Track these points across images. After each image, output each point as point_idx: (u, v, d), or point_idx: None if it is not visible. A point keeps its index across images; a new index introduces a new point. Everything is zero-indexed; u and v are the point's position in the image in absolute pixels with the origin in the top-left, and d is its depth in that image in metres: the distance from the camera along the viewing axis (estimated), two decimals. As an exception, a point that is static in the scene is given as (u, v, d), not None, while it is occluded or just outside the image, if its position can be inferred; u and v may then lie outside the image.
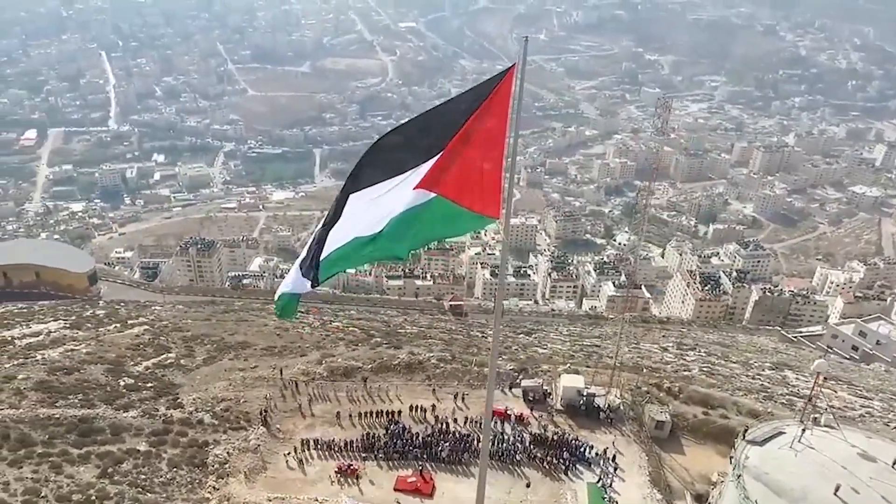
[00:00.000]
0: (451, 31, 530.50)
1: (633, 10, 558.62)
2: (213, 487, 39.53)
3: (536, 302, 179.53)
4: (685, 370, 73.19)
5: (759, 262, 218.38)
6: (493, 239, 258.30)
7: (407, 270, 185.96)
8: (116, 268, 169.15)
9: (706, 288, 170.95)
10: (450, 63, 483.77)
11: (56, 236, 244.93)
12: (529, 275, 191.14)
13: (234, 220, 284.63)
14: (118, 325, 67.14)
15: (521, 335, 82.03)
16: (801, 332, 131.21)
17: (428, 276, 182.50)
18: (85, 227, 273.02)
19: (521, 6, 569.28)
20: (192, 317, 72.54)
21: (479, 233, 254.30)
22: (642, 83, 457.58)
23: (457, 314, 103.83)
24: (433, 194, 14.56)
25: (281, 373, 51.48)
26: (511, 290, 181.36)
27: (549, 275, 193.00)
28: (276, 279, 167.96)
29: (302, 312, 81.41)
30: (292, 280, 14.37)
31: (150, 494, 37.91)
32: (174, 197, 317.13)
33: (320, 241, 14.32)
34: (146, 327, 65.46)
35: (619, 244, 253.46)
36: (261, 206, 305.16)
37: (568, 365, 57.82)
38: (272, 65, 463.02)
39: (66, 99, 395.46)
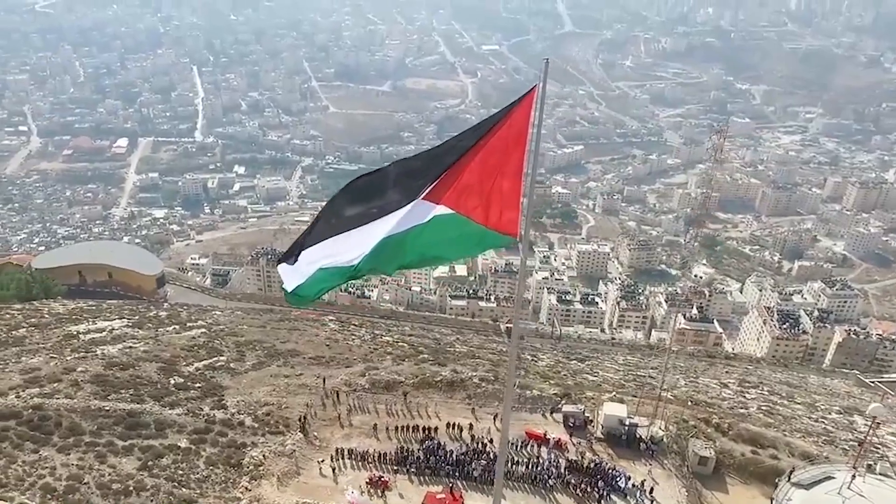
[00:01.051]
0: (534, 54, 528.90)
1: (726, 38, 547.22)
2: (246, 488, 40.35)
3: (603, 330, 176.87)
4: (742, 407, 70.70)
5: (845, 302, 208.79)
6: (564, 265, 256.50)
7: (471, 291, 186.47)
8: (189, 273, 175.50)
9: (784, 326, 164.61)
10: (531, 86, 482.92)
11: (137, 240, 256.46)
12: (597, 302, 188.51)
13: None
14: (177, 326, 69.53)
15: (574, 361, 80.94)
16: (881, 378, 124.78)
17: (492, 297, 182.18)
18: (165, 232, 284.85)
19: (607, 32, 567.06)
20: (248, 323, 74.51)
21: (548, 258, 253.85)
22: (731, 112, 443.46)
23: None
24: (449, 210, 14.54)
25: (324, 382, 52.26)
26: (577, 316, 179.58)
27: (618, 304, 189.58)
28: (339, 292, 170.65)
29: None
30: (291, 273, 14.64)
31: (184, 490, 38.96)
32: (251, 208, 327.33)
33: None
34: (203, 330, 67.55)
35: (696, 276, 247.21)
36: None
37: (614, 393, 56.70)
38: (354, 83, 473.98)
39: (158, 110, 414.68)
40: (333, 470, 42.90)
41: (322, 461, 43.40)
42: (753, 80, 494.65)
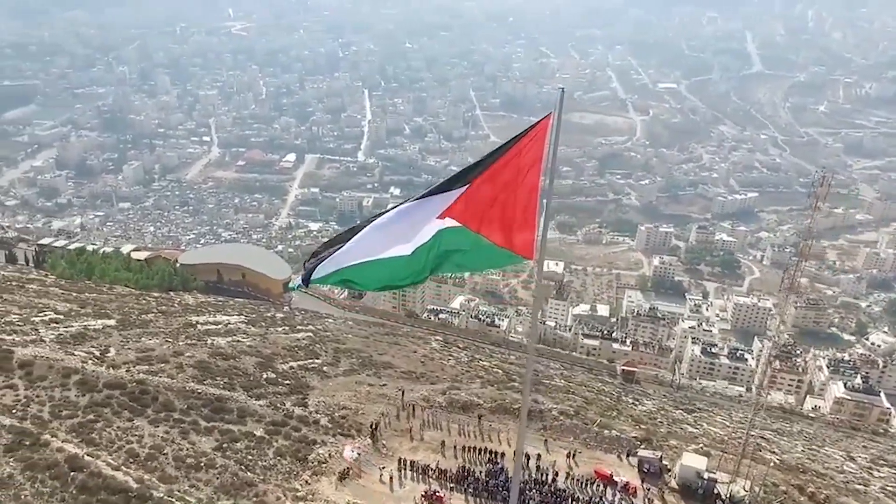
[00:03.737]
0: (715, 95, 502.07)
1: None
2: (306, 481, 42.26)
3: (749, 390, 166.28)
4: (860, 483, 64.65)
5: None
6: (717, 316, 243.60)
7: (605, 332, 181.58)
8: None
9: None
10: (707, 128, 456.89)
11: (290, 249, 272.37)
12: (746, 359, 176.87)
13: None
14: (287, 328, 73.64)
15: (680, 412, 77.31)
16: None
17: (628, 341, 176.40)
18: (316, 244, 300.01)
19: (801, 74, 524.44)
20: (354, 333, 77.46)
21: (699, 307, 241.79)
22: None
23: (627, 379, 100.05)
24: (460, 224, 15.40)
25: (402, 394, 53.57)
26: (722, 371, 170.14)
27: (770, 363, 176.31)
28: (470, 319, 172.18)
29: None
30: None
31: (249, 474, 41.47)
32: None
33: (330, 248, 15.85)
34: (309, 334, 71.11)
35: (873, 344, 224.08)
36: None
37: (701, 445, 53.90)
38: (518, 114, 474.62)
39: (327, 129, 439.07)
40: (392, 478, 43.85)
41: (383, 468, 44.55)
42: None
